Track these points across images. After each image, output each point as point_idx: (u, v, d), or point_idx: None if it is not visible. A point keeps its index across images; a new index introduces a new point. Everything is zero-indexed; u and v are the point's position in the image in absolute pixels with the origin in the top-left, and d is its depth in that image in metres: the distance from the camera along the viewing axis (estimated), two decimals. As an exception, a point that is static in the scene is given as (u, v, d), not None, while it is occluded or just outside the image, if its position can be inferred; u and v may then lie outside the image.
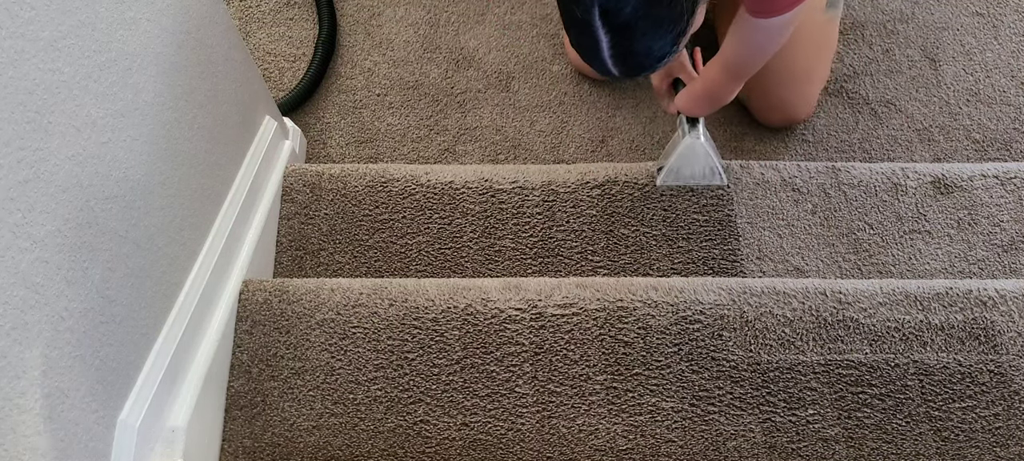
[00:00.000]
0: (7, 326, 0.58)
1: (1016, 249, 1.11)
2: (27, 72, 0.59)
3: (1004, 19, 1.42)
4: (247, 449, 0.94)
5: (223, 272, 0.97)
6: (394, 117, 1.39)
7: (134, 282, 0.76)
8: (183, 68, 0.84)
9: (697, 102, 1.09)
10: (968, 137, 1.32)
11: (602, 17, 0.72)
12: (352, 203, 1.16)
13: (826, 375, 0.93)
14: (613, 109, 1.37)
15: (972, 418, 0.91)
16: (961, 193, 1.13)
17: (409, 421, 0.94)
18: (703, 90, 1.08)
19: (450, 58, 1.43)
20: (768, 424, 0.92)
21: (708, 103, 1.09)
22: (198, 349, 0.90)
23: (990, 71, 1.38)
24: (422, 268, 1.13)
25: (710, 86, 1.07)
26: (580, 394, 0.94)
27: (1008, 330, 0.94)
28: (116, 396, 0.74)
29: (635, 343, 0.95)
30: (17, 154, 0.58)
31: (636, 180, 1.14)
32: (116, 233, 0.72)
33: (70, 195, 0.65)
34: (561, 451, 0.93)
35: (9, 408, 0.58)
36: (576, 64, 1.39)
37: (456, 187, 1.15)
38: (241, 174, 1.04)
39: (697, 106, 1.10)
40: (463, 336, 0.96)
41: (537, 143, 1.36)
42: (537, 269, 1.12)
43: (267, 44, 1.45)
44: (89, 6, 0.67)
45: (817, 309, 0.95)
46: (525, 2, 1.48)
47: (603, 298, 0.97)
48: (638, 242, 1.12)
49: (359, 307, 0.98)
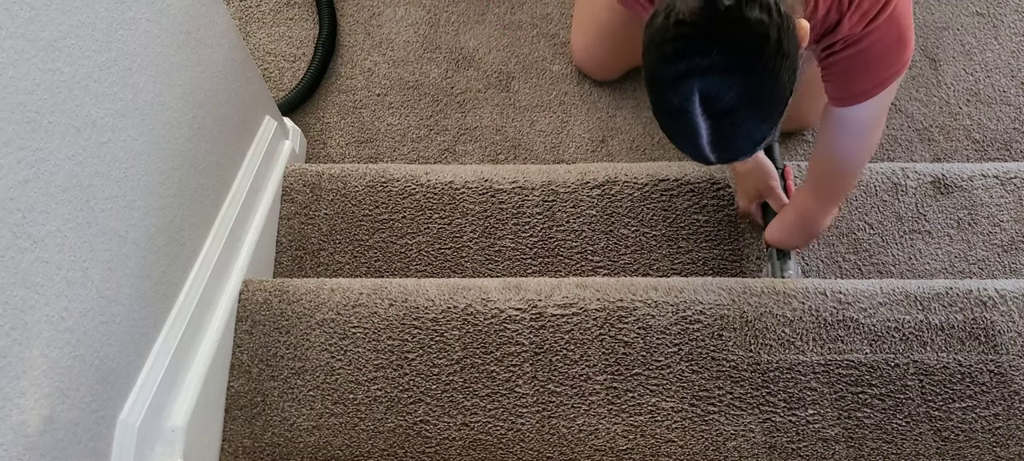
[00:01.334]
0: (7, 326, 0.58)
1: (1016, 249, 1.11)
2: (27, 72, 0.59)
3: (1004, 19, 1.42)
4: (247, 449, 0.94)
5: (223, 272, 0.97)
6: (394, 117, 1.39)
7: (134, 282, 0.76)
8: (183, 68, 0.84)
9: (790, 233, 1.02)
10: (968, 137, 1.32)
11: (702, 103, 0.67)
12: (352, 203, 1.16)
13: (826, 375, 0.93)
14: (613, 109, 1.37)
15: (972, 418, 0.91)
16: (961, 193, 1.13)
17: (409, 421, 0.94)
18: (796, 218, 1.01)
19: (450, 58, 1.43)
20: (768, 424, 0.92)
21: (802, 233, 1.02)
22: (198, 349, 0.90)
23: (990, 71, 1.38)
24: (422, 268, 1.13)
25: (803, 212, 1.00)
26: (580, 394, 0.94)
27: (1008, 330, 0.94)
28: (116, 396, 0.74)
29: (635, 343, 0.95)
30: (17, 154, 0.58)
31: (636, 180, 1.14)
32: (116, 233, 0.72)
33: (70, 195, 0.65)
34: (561, 451, 0.93)
35: (9, 408, 0.58)
36: (579, 64, 1.38)
37: (456, 187, 1.15)
38: (241, 174, 1.04)
39: (791, 238, 1.03)
40: (463, 336, 0.96)
41: (537, 143, 1.36)
42: (537, 269, 1.12)
43: (267, 44, 1.45)
44: (89, 6, 0.67)
45: (817, 309, 0.95)
46: (525, 2, 1.48)
47: (603, 298, 0.97)
48: (638, 242, 1.12)
49: (359, 307, 0.98)
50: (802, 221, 1.01)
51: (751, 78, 0.66)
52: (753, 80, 0.66)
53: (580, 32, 1.36)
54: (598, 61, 1.36)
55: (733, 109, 0.67)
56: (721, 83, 0.66)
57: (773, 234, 1.04)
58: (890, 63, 0.81)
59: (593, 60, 1.36)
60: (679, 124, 0.71)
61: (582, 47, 1.36)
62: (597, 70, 1.37)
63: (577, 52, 1.37)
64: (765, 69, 0.66)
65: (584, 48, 1.36)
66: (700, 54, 0.66)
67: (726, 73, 0.66)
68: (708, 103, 0.67)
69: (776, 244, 1.04)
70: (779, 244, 1.04)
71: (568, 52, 1.43)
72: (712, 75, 0.66)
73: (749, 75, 0.66)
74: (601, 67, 1.37)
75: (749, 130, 0.70)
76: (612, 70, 1.37)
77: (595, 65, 1.37)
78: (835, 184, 0.98)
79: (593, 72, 1.38)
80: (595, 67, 1.37)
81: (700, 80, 0.66)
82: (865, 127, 0.90)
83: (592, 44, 1.34)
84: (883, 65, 0.81)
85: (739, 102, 0.67)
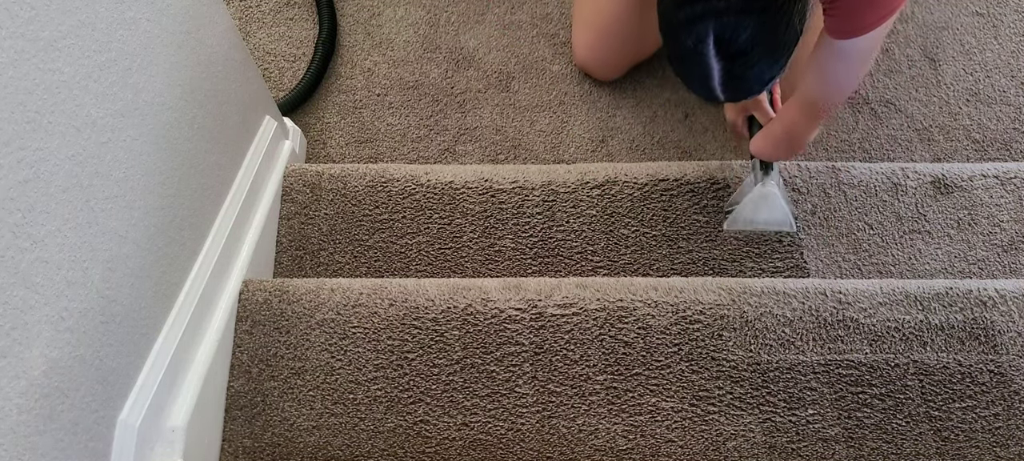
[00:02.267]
0: (7, 326, 0.58)
1: (1016, 249, 1.11)
2: (27, 72, 0.59)
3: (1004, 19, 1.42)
4: (247, 449, 0.94)
5: (223, 272, 0.97)
6: (394, 117, 1.39)
7: (134, 282, 0.76)
8: (183, 68, 0.84)
9: (775, 145, 1.04)
10: (968, 137, 1.32)
11: (716, 45, 0.69)
12: (352, 203, 1.16)
13: (826, 375, 0.93)
14: (613, 109, 1.37)
15: (972, 418, 0.91)
16: (961, 193, 1.13)
17: (409, 421, 0.94)
18: (782, 132, 1.02)
19: (450, 58, 1.43)
20: (768, 424, 0.92)
21: (787, 146, 1.04)
22: (198, 349, 0.90)
23: (990, 71, 1.38)
24: (422, 268, 1.13)
25: (790, 127, 1.02)
26: (580, 394, 0.94)
27: (1008, 330, 0.94)
28: (116, 396, 0.74)
29: (635, 343, 0.95)
30: (17, 154, 0.58)
31: (636, 180, 1.14)
32: (116, 233, 0.72)
33: (70, 195, 0.65)
34: (561, 451, 0.93)
35: (9, 408, 0.58)
36: (581, 62, 1.37)
37: (456, 187, 1.15)
38: (241, 174, 1.04)
39: (776, 150, 1.05)
40: (463, 336, 0.96)
41: (537, 143, 1.36)
42: (537, 269, 1.12)
43: (267, 44, 1.45)
44: (89, 6, 0.67)
45: (817, 309, 0.95)
46: (525, 2, 1.48)
47: (603, 298, 0.97)
48: (638, 242, 1.12)
49: (359, 307, 0.98)
50: (788, 135, 1.03)
51: (764, 19, 0.68)
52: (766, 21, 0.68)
53: (583, 29, 1.35)
54: (602, 58, 1.35)
55: (746, 50, 0.69)
56: (735, 24, 0.68)
57: (759, 145, 1.06)
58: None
59: (597, 58, 1.35)
60: (692, 66, 0.73)
61: (585, 44, 1.35)
62: (600, 68, 1.36)
63: (579, 50, 1.36)
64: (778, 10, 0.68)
65: (587, 45, 1.35)
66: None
67: (741, 14, 0.67)
68: (722, 44, 0.69)
69: (761, 155, 1.07)
70: (764, 156, 1.07)
71: (568, 52, 1.43)
72: (727, 16, 0.67)
73: (763, 16, 0.68)
74: (605, 65, 1.36)
75: (760, 71, 0.72)
76: (616, 68, 1.36)
77: (599, 63, 1.36)
78: (822, 105, 0.99)
79: (596, 71, 1.37)
80: (598, 65, 1.36)
81: (715, 22, 0.68)
82: (863, 55, 0.91)
83: (596, 40, 1.33)
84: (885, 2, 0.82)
85: (752, 43, 0.69)
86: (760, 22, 0.68)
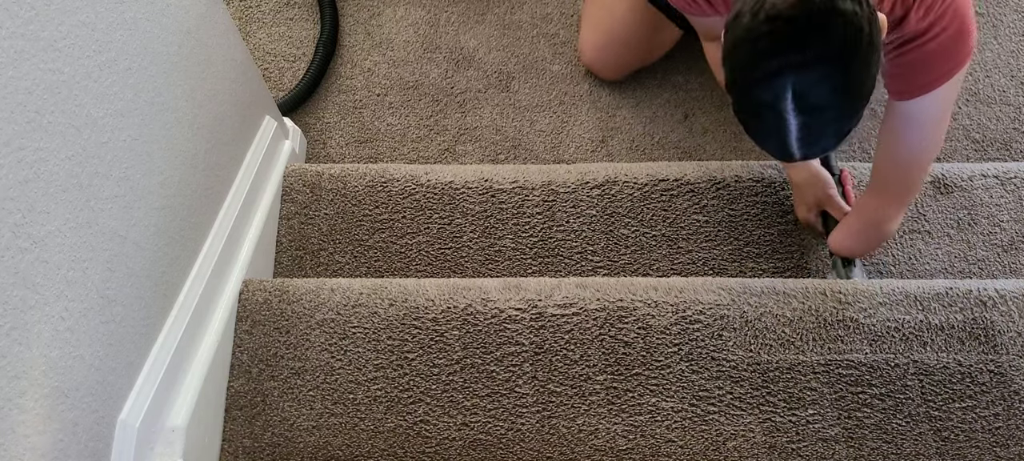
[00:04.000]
0: (7, 326, 0.58)
1: (1016, 249, 1.11)
2: (27, 72, 0.59)
3: (1004, 19, 1.42)
4: (247, 449, 0.94)
5: (223, 272, 0.97)
6: (394, 117, 1.39)
7: (134, 282, 0.76)
8: (183, 68, 0.84)
9: (857, 240, 0.99)
10: (968, 137, 1.32)
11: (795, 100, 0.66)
12: (352, 203, 1.16)
13: (826, 375, 0.93)
14: (613, 109, 1.37)
15: (972, 418, 0.91)
16: (961, 193, 1.13)
17: (409, 421, 0.94)
18: (862, 225, 0.98)
19: (450, 58, 1.43)
20: (768, 424, 0.92)
21: (872, 238, 0.99)
22: (198, 349, 0.90)
23: (990, 71, 1.38)
24: (422, 268, 1.13)
25: (871, 216, 0.97)
26: (580, 394, 0.94)
27: (1008, 330, 0.94)
28: (116, 396, 0.74)
29: (635, 343, 0.95)
30: (17, 154, 0.58)
31: (636, 180, 1.14)
32: (116, 233, 0.72)
33: (70, 195, 0.65)
34: (561, 451, 0.93)
35: (9, 408, 0.58)
36: (588, 62, 1.36)
37: (456, 187, 1.15)
38: (241, 174, 1.04)
39: (857, 245, 1.00)
40: (463, 336, 0.96)
41: (537, 143, 1.36)
42: (537, 269, 1.12)
43: (267, 44, 1.45)
44: (89, 6, 0.67)
45: (817, 309, 0.95)
46: (525, 2, 1.48)
47: (603, 298, 0.97)
48: (638, 242, 1.11)
49: (359, 307, 0.98)
50: (869, 226, 0.98)
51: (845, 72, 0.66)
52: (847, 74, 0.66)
53: (593, 30, 1.34)
54: (611, 61, 1.34)
55: (825, 105, 0.66)
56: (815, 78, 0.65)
57: (838, 242, 1.01)
58: (954, 54, 0.80)
59: (605, 60, 1.34)
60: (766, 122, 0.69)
61: (594, 46, 1.34)
62: (607, 70, 1.36)
63: (587, 51, 1.35)
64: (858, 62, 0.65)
65: (597, 47, 1.34)
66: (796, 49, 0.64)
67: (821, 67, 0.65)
68: (801, 99, 0.66)
69: (842, 252, 1.02)
70: (845, 252, 1.02)
71: (568, 52, 1.43)
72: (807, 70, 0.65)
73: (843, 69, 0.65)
74: (612, 67, 1.35)
75: (838, 125, 0.69)
76: (622, 70, 1.36)
77: (606, 65, 1.35)
78: (902, 184, 0.95)
79: (602, 72, 1.37)
80: (606, 67, 1.35)
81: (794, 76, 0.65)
82: (931, 120, 0.87)
83: (606, 43, 1.32)
84: (948, 57, 0.80)
85: (831, 97, 0.66)
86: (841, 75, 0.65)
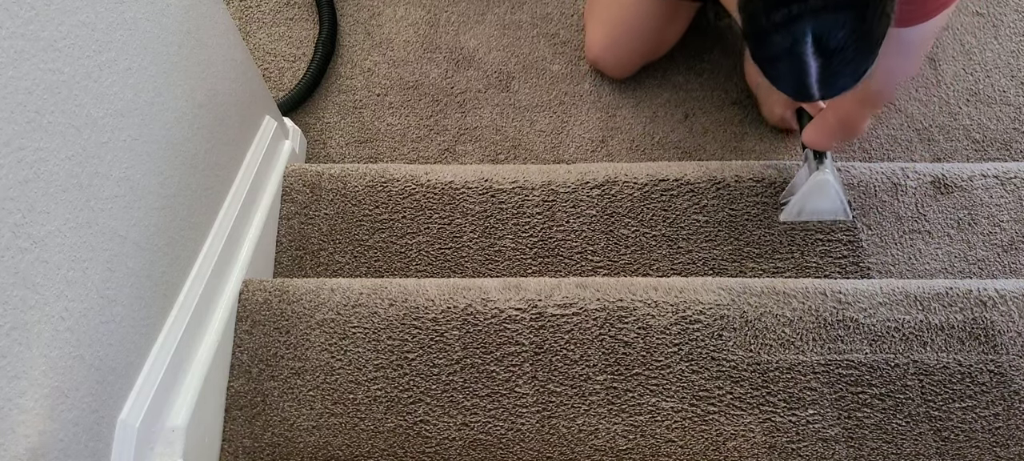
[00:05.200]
0: (7, 326, 0.58)
1: (1016, 249, 1.11)
2: (27, 72, 0.59)
3: (1004, 19, 1.42)
4: (247, 449, 0.94)
5: (223, 272, 0.97)
6: (394, 117, 1.39)
7: (134, 282, 0.76)
8: (183, 68, 0.84)
9: (828, 135, 1.04)
10: (968, 137, 1.32)
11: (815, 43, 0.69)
12: (352, 203, 1.16)
13: (826, 375, 0.93)
14: (613, 109, 1.37)
15: (972, 418, 0.91)
16: (961, 193, 1.13)
17: (409, 421, 0.94)
18: (835, 121, 1.03)
19: (450, 58, 1.43)
20: (768, 424, 0.92)
21: (840, 135, 1.04)
22: (198, 349, 0.90)
23: (990, 71, 1.38)
24: (422, 268, 1.13)
25: (842, 116, 1.02)
26: (580, 394, 0.94)
27: (1008, 330, 0.94)
28: (116, 396, 0.74)
29: (635, 343, 0.95)
30: (17, 154, 0.58)
31: (636, 180, 1.14)
32: (116, 233, 0.72)
33: (70, 195, 0.65)
34: (561, 451, 0.93)
35: (9, 408, 0.58)
36: (595, 59, 1.35)
37: (456, 187, 1.15)
38: (241, 174, 1.04)
39: (829, 139, 1.05)
40: (463, 336, 0.96)
41: (537, 143, 1.36)
42: (537, 269, 1.12)
43: (267, 44, 1.45)
44: (89, 6, 0.67)
45: (817, 309, 0.95)
46: (525, 2, 1.48)
47: (603, 298, 0.97)
48: (638, 242, 1.12)
49: (359, 307, 0.98)
50: (842, 124, 1.03)
51: (861, 13, 0.68)
52: (863, 15, 0.68)
53: (601, 26, 1.33)
54: (622, 55, 1.33)
55: (843, 46, 0.69)
56: (833, 21, 0.67)
57: (812, 136, 1.06)
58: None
59: (615, 56, 1.33)
60: (786, 66, 0.72)
61: (603, 42, 1.33)
62: (616, 66, 1.35)
63: (595, 47, 1.34)
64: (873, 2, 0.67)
65: (605, 44, 1.32)
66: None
67: (837, 11, 0.67)
68: (820, 42, 0.68)
69: (814, 146, 1.07)
70: (818, 146, 1.07)
71: (568, 52, 1.43)
72: (824, 14, 0.67)
73: (859, 10, 0.67)
74: (621, 63, 1.34)
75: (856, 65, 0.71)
76: (630, 66, 1.35)
77: (616, 59, 1.34)
78: (879, 94, 1.00)
79: (610, 68, 1.36)
80: (614, 63, 1.34)
81: (812, 20, 0.67)
82: (921, 43, 0.91)
83: (617, 36, 1.31)
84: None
85: (849, 39, 0.68)
86: (857, 16, 0.68)
